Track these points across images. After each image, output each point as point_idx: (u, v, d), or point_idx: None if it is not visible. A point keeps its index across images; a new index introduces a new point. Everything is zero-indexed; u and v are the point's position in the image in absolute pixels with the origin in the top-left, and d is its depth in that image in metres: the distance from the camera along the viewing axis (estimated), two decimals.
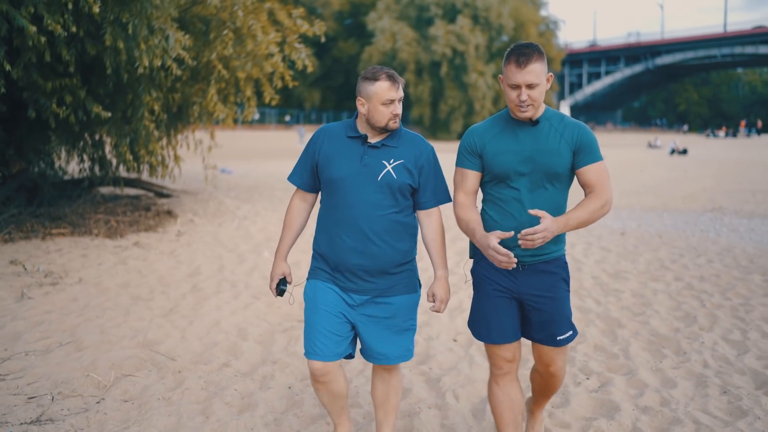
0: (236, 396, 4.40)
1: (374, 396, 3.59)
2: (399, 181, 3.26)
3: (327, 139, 3.37)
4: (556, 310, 3.27)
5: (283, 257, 3.53)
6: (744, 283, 7.37)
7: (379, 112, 3.24)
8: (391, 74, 3.24)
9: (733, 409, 4.18)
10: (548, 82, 3.18)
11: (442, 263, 3.44)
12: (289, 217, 3.55)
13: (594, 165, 3.21)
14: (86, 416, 4.09)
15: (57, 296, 6.70)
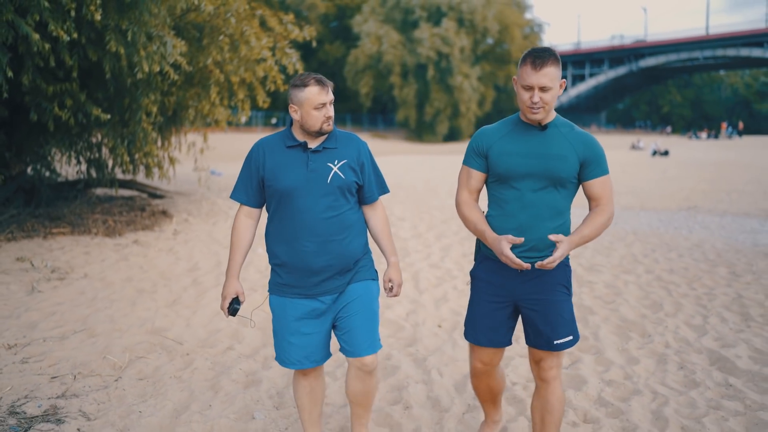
0: (241, 374, 4.86)
1: (351, 395, 3.61)
2: (347, 181, 3.37)
3: (268, 153, 3.41)
4: (553, 313, 3.31)
5: (234, 276, 3.54)
6: (710, 275, 7.89)
7: (312, 117, 3.30)
8: (320, 79, 3.32)
9: (688, 382, 4.68)
10: (561, 87, 3.25)
11: (393, 250, 3.61)
12: (236, 236, 3.55)
13: (601, 178, 3.29)
14: (107, 392, 4.53)
15: (65, 290, 7.11)
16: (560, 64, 3.19)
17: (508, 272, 3.33)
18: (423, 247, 9.55)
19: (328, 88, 3.33)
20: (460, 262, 8.63)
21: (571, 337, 3.34)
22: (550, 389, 3.42)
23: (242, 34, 10.87)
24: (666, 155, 36.78)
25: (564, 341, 3.31)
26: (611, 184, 3.30)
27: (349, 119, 70.63)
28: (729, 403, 4.32)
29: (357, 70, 64.56)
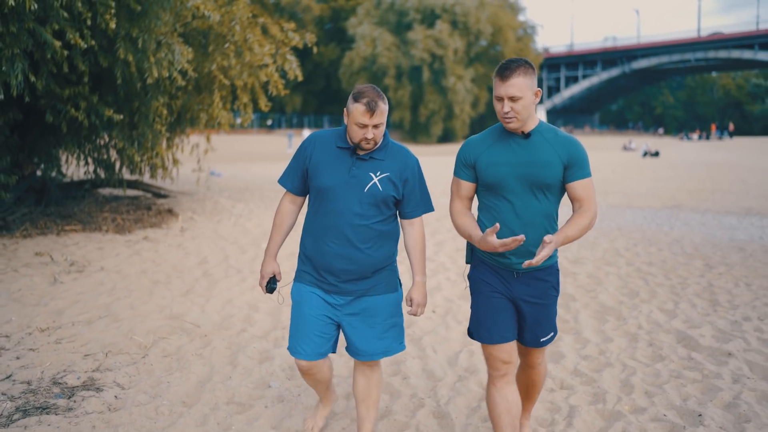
0: (255, 352, 5.41)
1: (356, 392, 3.76)
2: (384, 194, 3.43)
3: (318, 147, 3.52)
4: (543, 315, 3.46)
5: (272, 256, 3.70)
6: (685, 266, 8.47)
7: (353, 130, 3.38)
8: (370, 102, 3.32)
9: (655, 356, 5.26)
10: (536, 96, 3.30)
11: (421, 270, 3.64)
12: (278, 218, 3.69)
13: (583, 181, 3.34)
14: (136, 367, 5.08)
15: (85, 281, 7.64)
16: (531, 74, 3.25)
17: (503, 275, 3.42)
18: None
19: (374, 113, 3.33)
20: (453, 256, 9.19)
21: (553, 333, 3.54)
22: (535, 371, 3.69)
23: (246, 41, 11.41)
24: (656, 156, 37.41)
25: (548, 338, 3.52)
26: (593, 187, 3.39)
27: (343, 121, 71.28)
28: (689, 373, 4.89)
29: (352, 72, 65.05)
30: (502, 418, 3.42)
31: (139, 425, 4.10)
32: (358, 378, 3.73)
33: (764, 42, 77.36)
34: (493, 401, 3.46)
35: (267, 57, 11.72)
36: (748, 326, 5.96)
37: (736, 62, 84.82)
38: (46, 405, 4.36)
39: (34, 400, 4.44)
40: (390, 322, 3.59)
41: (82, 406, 4.36)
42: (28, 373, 4.89)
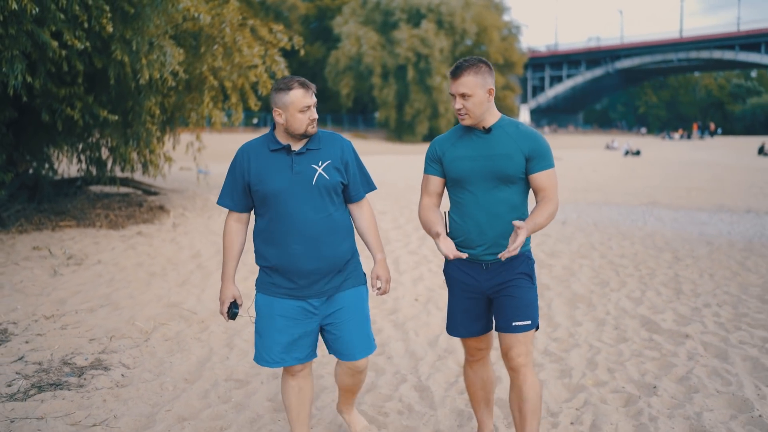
0: (250, 335, 5.81)
1: (341, 385, 3.81)
2: (332, 181, 3.43)
3: (252, 157, 3.45)
4: (514, 296, 3.45)
5: (230, 280, 3.59)
6: (655, 259, 8.95)
7: (296, 120, 3.35)
8: (303, 82, 3.37)
9: (619, 338, 5.71)
10: (490, 94, 3.39)
11: (380, 247, 3.67)
12: (228, 241, 3.58)
13: (546, 171, 3.43)
14: (139, 349, 5.47)
15: (84, 273, 8.00)
16: (483, 72, 3.37)
17: (473, 269, 3.51)
18: (403, 237, 10.54)
19: (312, 91, 3.39)
20: (435, 249, 9.62)
21: (530, 321, 3.45)
22: (521, 377, 3.46)
23: (235, 43, 11.79)
24: (638, 155, 38.02)
25: (522, 324, 3.42)
26: (556, 177, 3.47)
27: (329, 119, 71.36)
28: (649, 352, 5.35)
29: (337, 72, 65.23)
30: (477, 394, 3.80)
31: (146, 399, 4.50)
32: (344, 378, 3.74)
33: (745, 43, 78.32)
34: (469, 380, 3.80)
35: (256, 58, 12.09)
36: (707, 312, 6.43)
37: (717, 63, 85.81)
38: (58, 382, 4.74)
39: (47, 378, 4.82)
40: (362, 315, 3.58)
41: (92, 383, 4.75)
42: (39, 355, 5.27)
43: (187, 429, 4.06)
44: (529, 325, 3.45)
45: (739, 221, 12.42)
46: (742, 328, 5.94)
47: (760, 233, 11.06)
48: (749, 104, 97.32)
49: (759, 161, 31.90)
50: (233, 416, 4.27)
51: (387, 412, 4.35)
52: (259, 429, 4.08)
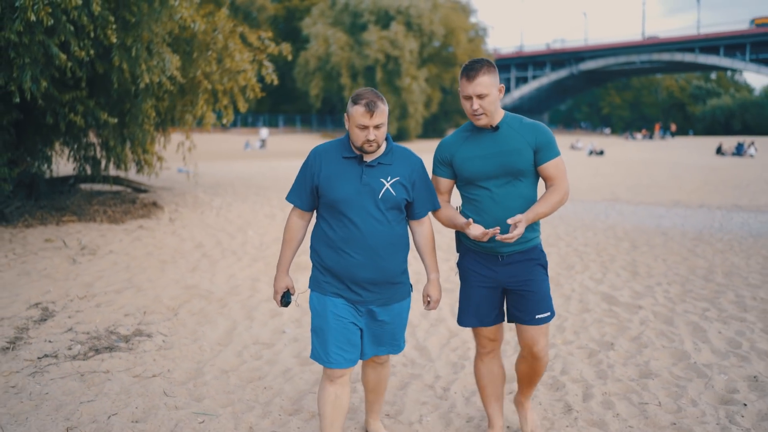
0: (266, 310, 6.68)
1: (366, 383, 3.92)
2: (397, 198, 3.48)
3: (324, 161, 3.54)
4: (535, 291, 3.60)
5: (284, 271, 3.73)
6: (615, 247, 9.98)
7: (354, 134, 3.42)
8: (369, 102, 3.36)
9: (583, 309, 6.70)
10: (500, 92, 3.51)
11: (435, 267, 3.70)
12: (288, 234, 3.71)
13: (553, 161, 3.54)
14: (171, 322, 6.31)
15: (100, 262, 8.79)
16: (494, 72, 3.49)
17: (490, 260, 3.62)
18: None
19: (374, 113, 3.37)
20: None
21: (549, 312, 3.66)
22: (537, 362, 3.77)
23: (227, 49, 12.60)
24: (601, 155, 39.30)
25: (544, 316, 3.63)
26: (564, 165, 3.58)
27: (298, 120, 71.95)
28: (608, 319, 6.34)
29: (307, 72, 65.77)
30: (487, 389, 3.86)
31: (190, 357, 5.37)
32: (369, 373, 3.88)
33: (704, 46, 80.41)
34: (479, 373, 3.87)
35: (246, 63, 12.91)
36: (658, 289, 7.45)
37: (678, 65, 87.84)
38: (111, 346, 5.58)
39: (99, 344, 5.65)
40: (402, 324, 3.71)
41: (139, 346, 5.60)
42: (85, 327, 6.09)
43: (231, 378, 4.94)
44: (549, 317, 3.66)
45: (693, 215, 13.54)
46: (687, 300, 6.97)
47: (710, 225, 12.19)
48: (709, 105, 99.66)
49: (716, 160, 33.34)
50: (267, 369, 5.15)
51: (394, 364, 5.25)
52: (290, 378, 4.97)
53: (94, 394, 4.61)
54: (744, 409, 4.30)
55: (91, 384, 4.81)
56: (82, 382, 4.82)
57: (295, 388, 4.78)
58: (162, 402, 4.51)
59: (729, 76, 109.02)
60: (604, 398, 4.57)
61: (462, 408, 4.49)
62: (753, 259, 9.08)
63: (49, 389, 4.68)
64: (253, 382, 4.91)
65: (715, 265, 8.74)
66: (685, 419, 4.19)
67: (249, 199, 15.15)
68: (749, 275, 8.12)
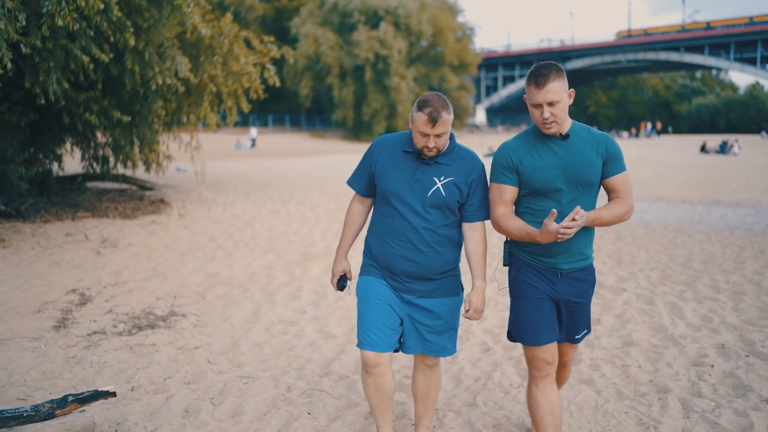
0: (285, 294, 7.35)
1: (415, 390, 3.84)
2: (447, 198, 3.47)
3: (384, 151, 3.60)
4: (582, 314, 3.57)
5: (343, 255, 3.79)
6: (601, 238, 10.73)
7: (416, 137, 3.45)
8: (432, 112, 3.35)
9: None
10: (570, 97, 3.36)
11: (481, 274, 3.55)
12: (349, 219, 3.79)
13: (621, 175, 3.42)
14: (200, 305, 6.96)
15: (122, 253, 9.41)
16: (563, 76, 3.31)
17: (547, 275, 3.48)
18: None
19: (437, 123, 3.37)
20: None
21: (587, 330, 3.67)
22: (564, 370, 3.85)
23: (231, 53, 13.23)
24: None
25: (581, 335, 3.65)
26: (630, 180, 3.48)
27: (288, 119, 72.41)
28: (595, 299, 7.02)
29: (296, 72, 66.23)
30: (545, 419, 3.52)
31: (224, 333, 6.03)
32: (418, 377, 3.82)
33: (689, 45, 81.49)
34: (536, 402, 3.54)
35: (250, 66, 13.55)
36: (641, 274, 8.17)
37: (663, 64, 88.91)
38: (152, 324, 6.23)
39: (139, 323, 6.30)
40: (448, 326, 3.64)
41: (176, 324, 6.25)
42: (123, 309, 6.74)
43: (264, 349, 5.61)
44: (586, 333, 3.68)
45: (674, 209, 14.30)
46: (667, 284, 7.69)
47: (690, 218, 12.95)
48: (694, 104, 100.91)
49: (700, 158, 34.21)
50: (295, 342, 5.83)
51: None
52: (317, 349, 5.64)
53: (146, 363, 5.27)
54: (711, 369, 5.01)
55: (142, 354, 5.46)
56: (133, 354, 5.48)
57: (323, 356, 5.45)
58: (208, 368, 5.17)
59: (714, 75, 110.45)
60: (591, 362, 5.27)
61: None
62: (728, 249, 9.82)
63: (106, 359, 5.33)
64: (284, 352, 5.58)
65: (693, 253, 9.47)
66: (661, 378, 4.90)
67: (251, 196, 15.79)
68: (724, 262, 8.85)
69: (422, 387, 3.80)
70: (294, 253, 9.47)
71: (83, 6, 9.12)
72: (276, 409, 4.46)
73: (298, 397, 4.65)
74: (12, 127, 11.53)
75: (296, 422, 4.22)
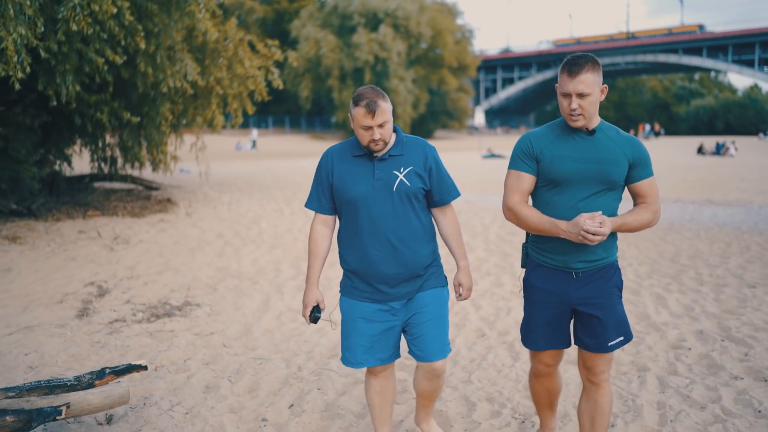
0: (293, 286, 7.77)
1: (417, 390, 3.79)
2: (413, 188, 3.43)
3: (336, 161, 3.52)
4: (607, 315, 3.34)
5: (314, 284, 3.62)
6: None
7: (359, 134, 3.39)
8: (369, 102, 3.31)
9: None
10: (603, 93, 3.25)
11: (463, 254, 3.60)
12: (313, 245, 3.63)
13: (648, 180, 3.31)
14: (213, 296, 7.38)
15: (134, 249, 9.83)
16: (599, 70, 3.20)
17: (562, 278, 3.36)
18: None
19: (376, 113, 3.33)
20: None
21: (623, 337, 3.40)
22: (600, 391, 3.49)
23: (237, 56, 13.65)
24: None
25: (617, 342, 3.38)
26: (657, 186, 3.37)
27: (287, 121, 72.81)
28: None
29: (296, 74, 66.61)
30: (543, 401, 3.77)
31: (237, 320, 6.45)
32: (422, 382, 3.72)
33: (687, 47, 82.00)
34: (534, 389, 3.75)
35: (255, 69, 13.97)
36: (630, 269, 8.60)
37: (662, 66, 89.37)
38: (168, 312, 6.66)
39: (157, 312, 6.72)
40: (441, 314, 3.58)
41: (192, 313, 6.67)
42: (140, 299, 7.16)
43: (275, 335, 6.04)
44: (622, 341, 3.42)
45: (667, 208, 14.71)
46: (653, 277, 8.12)
47: (681, 217, 13.38)
48: (693, 106, 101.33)
49: (696, 160, 34.65)
50: (303, 328, 6.25)
51: None
52: (325, 335, 6.06)
53: (166, 346, 5.69)
54: (688, 351, 5.44)
55: (162, 339, 5.88)
56: (154, 339, 5.90)
57: (330, 341, 5.87)
58: (224, 351, 5.59)
59: (713, 77, 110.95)
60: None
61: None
62: (716, 245, 10.24)
63: (129, 343, 5.75)
64: (294, 338, 6.00)
65: (681, 249, 9.89)
66: (642, 359, 5.32)
67: (254, 195, 16.21)
68: (710, 257, 9.28)
69: (427, 390, 3.75)
70: (299, 249, 9.89)
71: (97, 11, 9.50)
72: (289, 385, 4.89)
73: (308, 375, 5.07)
74: (25, 129, 11.94)
75: (308, 396, 4.64)
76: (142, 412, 4.37)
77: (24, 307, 6.93)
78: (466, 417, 4.37)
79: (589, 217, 3.11)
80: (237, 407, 4.50)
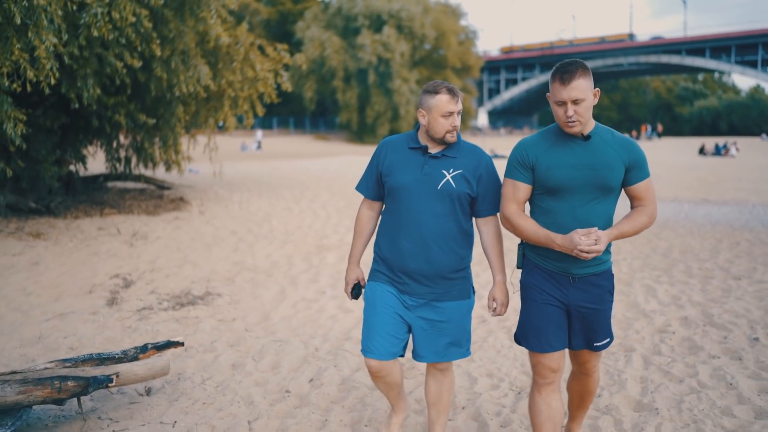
0: (305, 278, 8.27)
1: (427, 395, 3.79)
2: (458, 190, 3.43)
3: (390, 151, 3.58)
4: (598, 321, 3.39)
5: (355, 263, 3.77)
6: None
7: (438, 124, 3.42)
8: (451, 88, 3.40)
9: None
10: (595, 97, 3.24)
11: (501, 268, 3.55)
12: (358, 225, 3.76)
13: (644, 182, 3.32)
14: (231, 287, 7.88)
15: (152, 245, 10.33)
16: (589, 74, 3.20)
17: (558, 280, 3.36)
18: None
19: (458, 98, 3.43)
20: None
21: (608, 339, 3.47)
22: (590, 379, 3.68)
23: (248, 60, 14.16)
24: None
25: (602, 343, 3.45)
26: (653, 187, 3.38)
27: (292, 122, 73.29)
28: None
29: (300, 75, 66.96)
30: (545, 426, 3.43)
31: (256, 308, 6.95)
32: (430, 382, 3.76)
33: (691, 48, 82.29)
34: (536, 408, 3.45)
35: (265, 72, 14.48)
36: (623, 263, 9.09)
37: (665, 66, 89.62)
38: (192, 301, 7.16)
39: (181, 301, 7.22)
40: (459, 330, 3.59)
41: (214, 303, 7.17)
42: (164, 290, 7.66)
43: (292, 321, 6.54)
44: (608, 343, 3.49)
45: (664, 207, 15.19)
46: (645, 270, 8.61)
47: (677, 215, 13.87)
48: (696, 106, 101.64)
49: (697, 160, 35.10)
50: (318, 315, 6.76)
51: None
52: (338, 320, 6.57)
53: (193, 331, 6.20)
54: (672, 335, 5.94)
55: (188, 325, 6.39)
56: (180, 324, 6.41)
57: (343, 326, 6.37)
58: (246, 335, 6.10)
59: (716, 77, 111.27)
60: None
61: None
62: (707, 241, 10.73)
63: (158, 328, 6.26)
64: (309, 323, 6.51)
65: (674, 245, 10.38)
66: (629, 341, 5.82)
67: (264, 195, 16.72)
68: (701, 252, 9.77)
69: (434, 392, 3.75)
70: (310, 244, 10.39)
71: (117, 18, 10.00)
72: (307, 363, 5.39)
73: (325, 355, 5.58)
74: (45, 130, 12.46)
75: (325, 372, 5.15)
76: (177, 385, 4.88)
77: (56, 297, 7.44)
78: (468, 389, 4.87)
79: (584, 233, 3.12)
80: (262, 381, 5.01)
